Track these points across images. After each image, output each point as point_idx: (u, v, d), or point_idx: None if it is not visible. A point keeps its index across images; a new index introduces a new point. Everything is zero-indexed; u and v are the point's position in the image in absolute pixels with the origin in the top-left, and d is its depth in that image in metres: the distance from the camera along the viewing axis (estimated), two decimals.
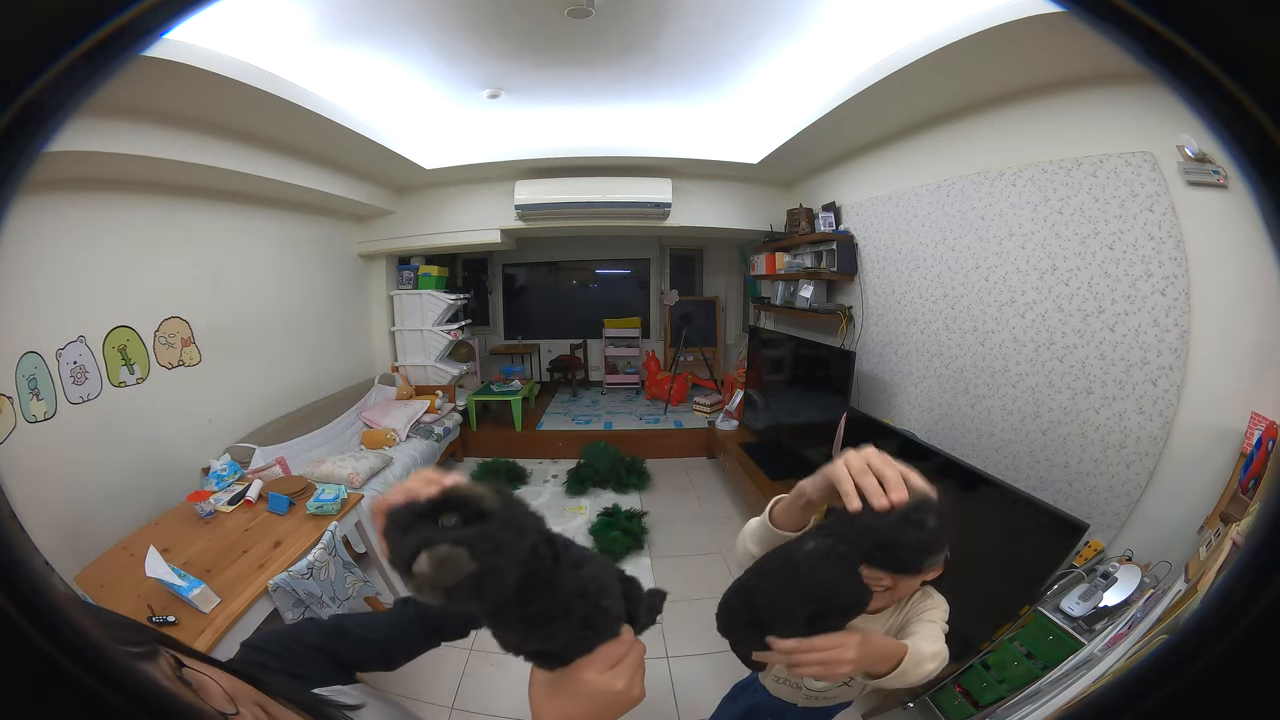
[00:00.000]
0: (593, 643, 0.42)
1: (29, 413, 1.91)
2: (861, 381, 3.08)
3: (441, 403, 4.35)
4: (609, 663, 0.42)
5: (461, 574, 0.35)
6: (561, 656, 0.42)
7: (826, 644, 0.59)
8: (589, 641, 0.42)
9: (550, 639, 0.41)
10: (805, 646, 0.59)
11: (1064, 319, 1.91)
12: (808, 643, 0.59)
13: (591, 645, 0.42)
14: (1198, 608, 0.32)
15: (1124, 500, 1.68)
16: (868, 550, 0.53)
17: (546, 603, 0.40)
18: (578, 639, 0.42)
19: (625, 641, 0.43)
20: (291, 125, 2.60)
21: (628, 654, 0.43)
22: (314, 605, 1.89)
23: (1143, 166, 1.62)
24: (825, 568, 0.55)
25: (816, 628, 0.58)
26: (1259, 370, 1.37)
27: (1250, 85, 0.26)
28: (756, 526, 0.81)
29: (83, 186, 2.17)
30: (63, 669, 0.30)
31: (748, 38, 2.29)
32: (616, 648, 0.42)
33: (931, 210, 2.61)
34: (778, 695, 1.27)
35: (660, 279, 6.37)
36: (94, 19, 0.27)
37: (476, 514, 0.38)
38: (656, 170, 3.99)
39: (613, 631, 0.43)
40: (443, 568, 0.35)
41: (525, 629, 0.40)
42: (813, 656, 0.59)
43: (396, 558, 0.36)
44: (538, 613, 0.40)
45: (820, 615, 0.58)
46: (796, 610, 0.57)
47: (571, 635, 0.42)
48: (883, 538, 0.53)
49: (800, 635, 0.58)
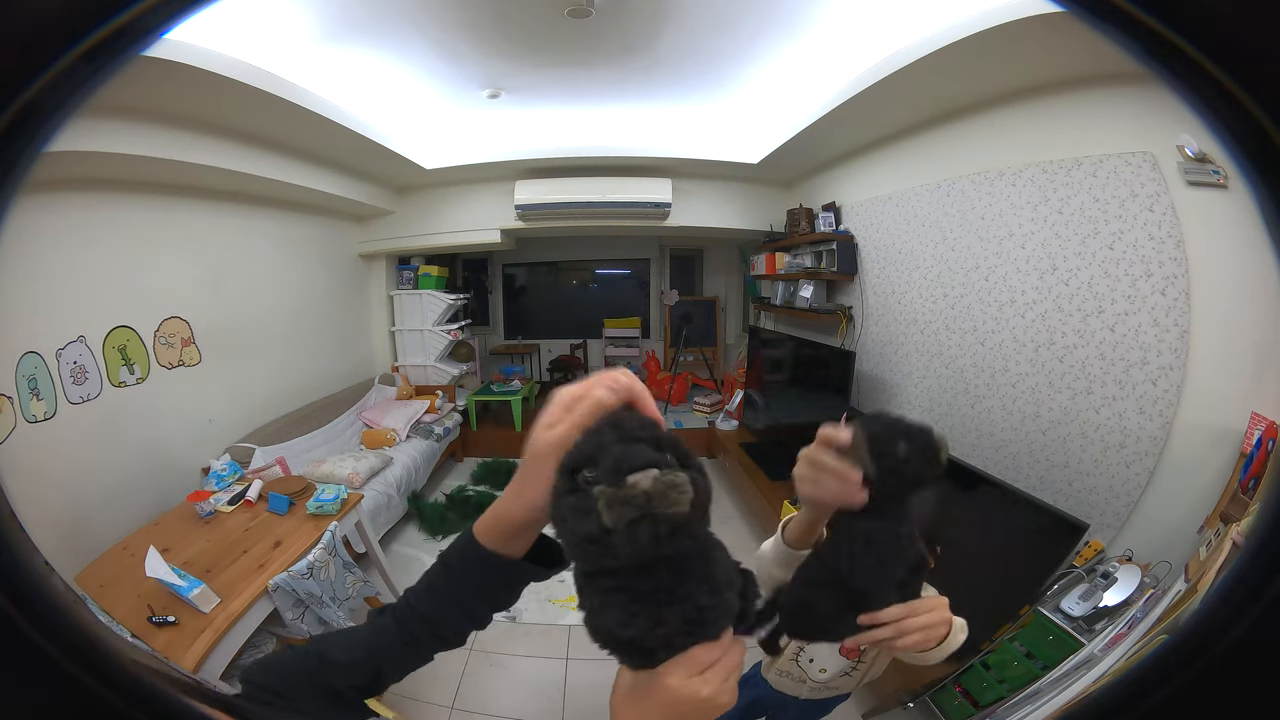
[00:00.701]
0: (688, 641, 0.38)
1: (29, 413, 1.91)
2: (861, 381, 3.08)
3: (441, 403, 4.35)
4: (699, 667, 0.38)
5: (677, 507, 0.32)
6: (653, 655, 0.38)
7: (925, 607, 0.60)
8: (685, 639, 0.38)
9: (655, 623, 0.37)
10: (909, 611, 0.59)
11: (1064, 319, 1.91)
12: (908, 607, 0.59)
13: (686, 644, 0.38)
14: (1198, 608, 0.32)
15: (1124, 500, 1.68)
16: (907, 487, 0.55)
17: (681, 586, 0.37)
18: (679, 634, 0.38)
19: (721, 644, 0.40)
20: (291, 125, 2.60)
21: (721, 658, 0.39)
22: (314, 605, 1.89)
23: (1143, 166, 1.62)
24: (905, 529, 0.56)
25: (905, 594, 0.59)
26: (1259, 370, 1.37)
27: (1250, 85, 0.26)
28: (773, 550, 0.80)
29: (83, 186, 2.17)
30: (63, 669, 0.30)
31: (748, 38, 2.29)
32: (710, 651, 0.39)
33: (931, 210, 2.61)
34: (780, 689, 1.28)
35: (660, 279, 6.36)
36: (94, 19, 0.27)
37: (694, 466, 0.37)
38: (656, 170, 3.99)
39: (716, 630, 0.40)
40: (669, 492, 0.32)
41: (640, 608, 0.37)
42: (918, 621, 0.59)
43: (615, 459, 0.33)
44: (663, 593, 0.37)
45: (906, 580, 0.58)
46: (891, 578, 0.58)
47: (675, 626, 0.38)
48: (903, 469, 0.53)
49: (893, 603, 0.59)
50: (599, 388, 0.40)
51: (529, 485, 0.44)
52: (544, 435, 0.42)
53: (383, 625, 0.52)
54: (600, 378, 0.42)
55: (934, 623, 0.60)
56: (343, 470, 2.91)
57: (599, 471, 0.34)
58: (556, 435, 0.40)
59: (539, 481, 0.40)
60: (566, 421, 0.40)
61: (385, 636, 0.51)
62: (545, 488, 0.37)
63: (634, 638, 0.37)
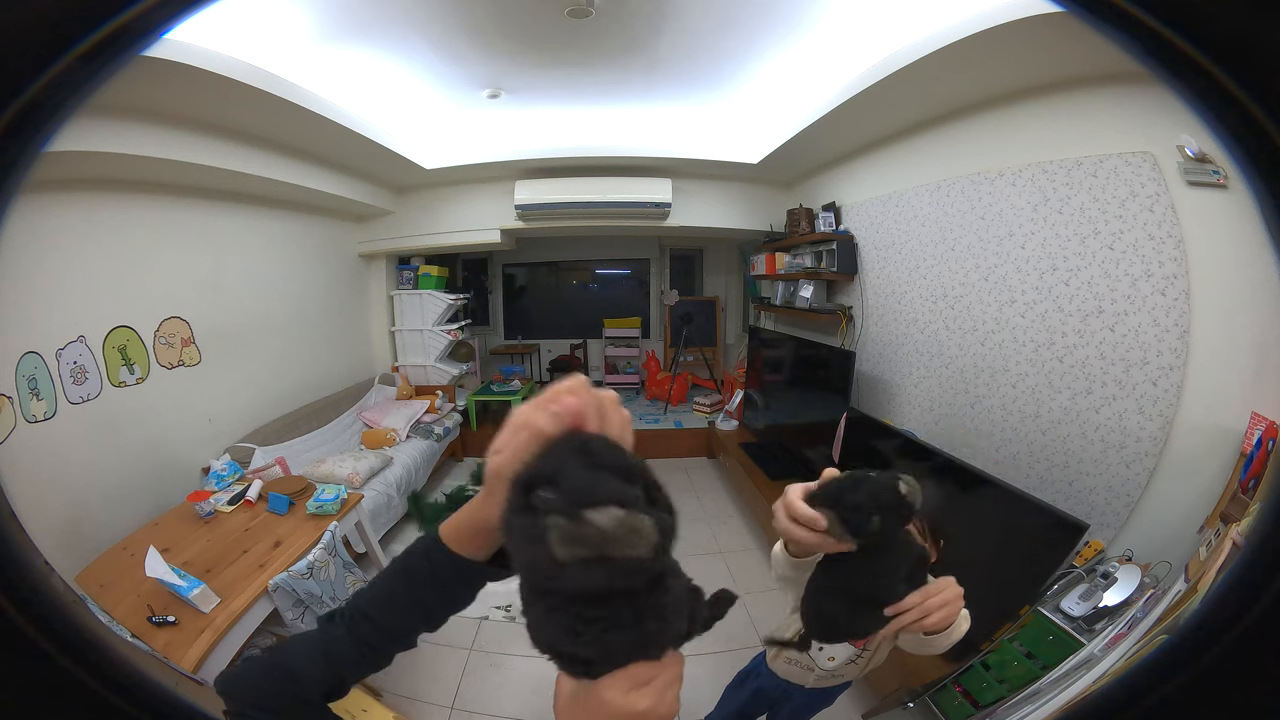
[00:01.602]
0: (628, 660, 0.38)
1: (29, 413, 1.91)
2: (861, 381, 3.08)
3: (441, 403, 4.35)
4: (637, 682, 0.38)
5: (634, 553, 0.30)
6: (593, 667, 0.38)
7: (938, 588, 0.64)
8: (625, 659, 0.38)
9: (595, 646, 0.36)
10: (925, 595, 0.62)
11: (1064, 319, 1.91)
12: (923, 592, 0.62)
13: (626, 660, 0.38)
14: (1198, 608, 0.32)
15: (1124, 500, 1.68)
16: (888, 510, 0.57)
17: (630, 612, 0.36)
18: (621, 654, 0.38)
19: (661, 661, 0.40)
20: (291, 125, 2.60)
21: (660, 673, 0.39)
22: (314, 605, 1.89)
23: (1143, 166, 1.62)
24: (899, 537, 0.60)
25: (914, 584, 0.62)
26: (1259, 370, 1.37)
27: (1250, 85, 0.26)
28: (782, 555, 0.84)
29: (83, 186, 2.17)
30: (63, 669, 0.30)
31: (748, 38, 2.29)
32: (648, 668, 0.39)
33: (931, 210, 2.61)
34: (786, 677, 1.29)
35: (660, 279, 6.36)
36: (94, 19, 0.27)
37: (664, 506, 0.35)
38: (656, 170, 3.99)
39: (659, 652, 0.40)
40: (628, 536, 0.30)
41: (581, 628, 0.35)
42: (937, 600, 0.63)
43: (574, 488, 0.31)
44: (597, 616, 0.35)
45: (910, 575, 0.62)
46: (898, 575, 0.61)
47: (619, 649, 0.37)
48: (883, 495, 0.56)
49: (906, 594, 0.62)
50: (543, 414, 0.37)
51: (487, 502, 0.44)
52: (492, 459, 0.40)
53: (336, 635, 0.52)
54: (548, 398, 0.38)
55: (951, 598, 0.64)
56: (343, 470, 2.91)
57: (556, 495, 0.31)
58: (501, 461, 0.39)
59: (494, 502, 0.38)
60: (510, 448, 0.38)
61: (341, 646, 0.51)
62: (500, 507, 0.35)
63: (575, 652, 0.37)
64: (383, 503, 2.99)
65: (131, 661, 0.35)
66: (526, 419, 0.38)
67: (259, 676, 0.54)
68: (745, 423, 4.34)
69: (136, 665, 0.35)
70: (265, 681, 0.52)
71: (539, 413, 0.37)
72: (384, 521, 3.00)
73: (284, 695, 0.50)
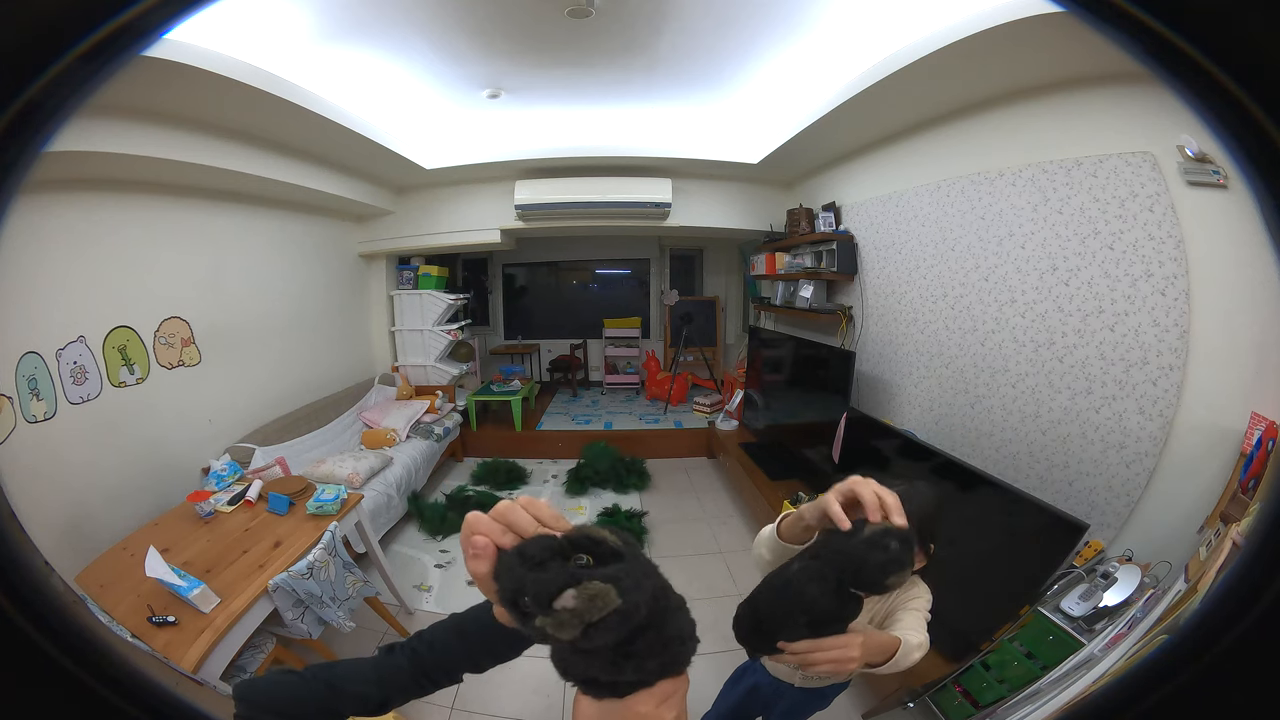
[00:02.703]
0: (655, 679, 0.44)
1: (29, 413, 1.91)
2: (861, 381, 3.08)
3: (441, 403, 4.35)
4: (663, 697, 0.44)
5: (608, 610, 0.36)
6: (617, 688, 0.44)
7: (833, 644, 0.66)
8: (656, 677, 0.44)
9: (638, 671, 0.43)
10: (814, 647, 0.65)
11: (1064, 319, 1.91)
12: (816, 644, 0.65)
13: (654, 680, 0.44)
14: (1198, 608, 0.32)
15: (1124, 500, 1.68)
16: (841, 569, 0.61)
17: (652, 640, 0.42)
18: (654, 674, 0.44)
19: (682, 678, 0.46)
20: (291, 125, 2.60)
21: (679, 688, 0.46)
22: (314, 605, 1.89)
23: (1143, 166, 1.62)
24: (810, 587, 0.62)
25: (820, 631, 0.65)
26: (1259, 370, 1.36)
27: (1250, 85, 0.26)
28: (768, 537, 0.89)
29: (83, 186, 2.17)
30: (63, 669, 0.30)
31: (748, 38, 2.29)
32: (672, 684, 0.45)
33: (931, 210, 2.61)
34: (776, 675, 1.32)
35: (660, 279, 6.37)
36: (94, 19, 0.27)
37: (611, 554, 0.40)
38: (656, 170, 3.99)
39: (681, 668, 0.46)
40: (593, 603, 0.36)
41: (621, 662, 0.41)
42: (821, 656, 0.66)
43: (534, 593, 0.37)
44: (638, 649, 0.42)
45: (816, 624, 0.64)
46: (797, 620, 0.64)
47: (649, 671, 0.43)
48: (850, 561, 0.60)
49: (806, 638, 0.65)
50: (471, 562, 0.42)
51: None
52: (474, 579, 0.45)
53: (395, 664, 0.62)
54: (465, 544, 0.43)
55: (839, 659, 0.67)
56: (343, 470, 2.91)
57: (531, 604, 0.37)
58: (484, 591, 0.44)
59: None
60: (479, 584, 0.43)
61: (398, 675, 0.62)
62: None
63: (616, 680, 0.42)
64: (383, 503, 2.99)
65: (131, 661, 0.35)
66: (469, 568, 0.44)
67: (295, 685, 0.60)
68: (745, 423, 4.34)
69: (136, 665, 0.35)
70: (301, 690, 0.59)
71: (470, 562, 0.43)
72: (384, 521, 3.00)
73: (315, 704, 0.57)
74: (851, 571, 0.60)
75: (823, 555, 0.64)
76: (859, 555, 0.60)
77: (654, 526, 3.39)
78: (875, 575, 0.59)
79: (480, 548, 0.42)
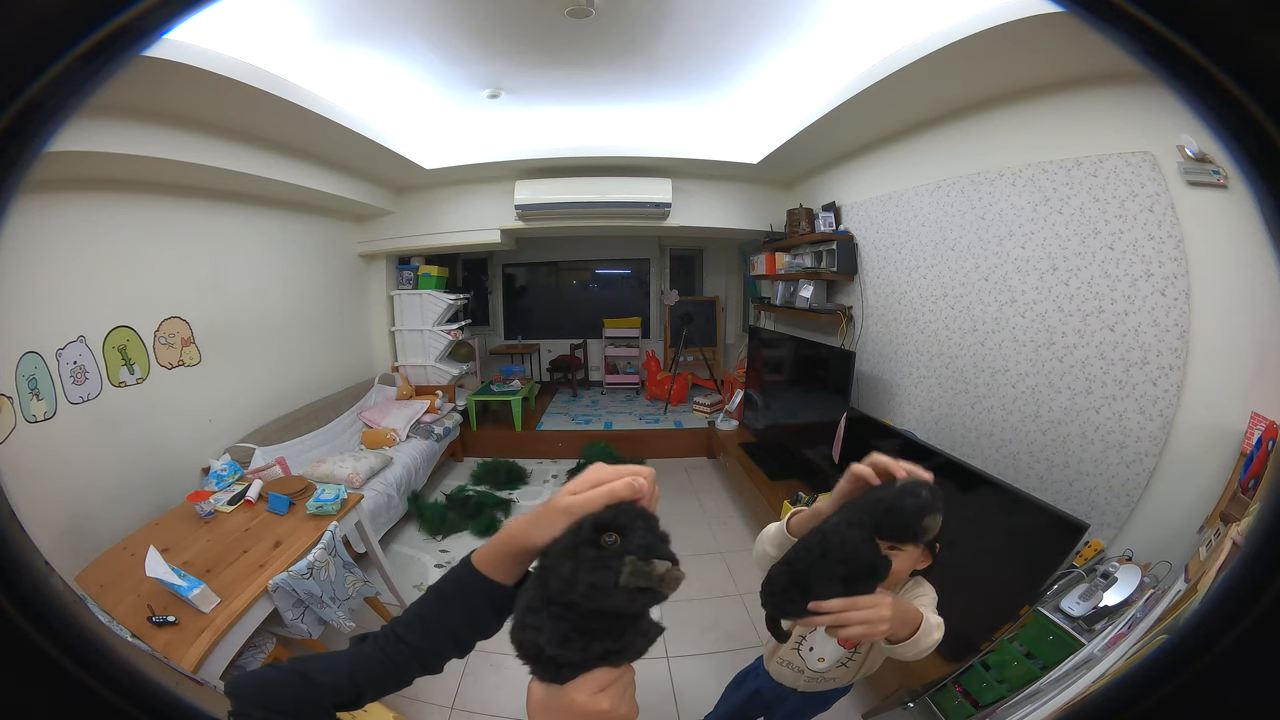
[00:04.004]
0: (596, 665, 0.46)
1: (29, 413, 1.91)
2: (861, 381, 3.08)
3: (441, 403, 4.35)
4: (599, 685, 0.46)
5: (670, 592, 0.43)
6: (560, 671, 0.46)
7: (866, 603, 0.66)
8: (595, 663, 0.46)
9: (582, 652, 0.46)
10: (848, 605, 0.65)
11: (1064, 319, 1.91)
12: (850, 602, 0.65)
13: (592, 666, 0.46)
14: (1198, 608, 0.32)
15: (1124, 500, 1.68)
16: (877, 518, 0.63)
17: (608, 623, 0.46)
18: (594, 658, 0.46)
19: (620, 669, 0.48)
20: (291, 125, 2.60)
21: (618, 678, 0.47)
22: (314, 605, 1.89)
23: (1143, 166, 1.62)
24: (849, 532, 0.64)
25: (853, 589, 0.65)
26: (1259, 370, 1.36)
27: (1250, 85, 0.26)
28: (775, 532, 0.89)
29: (83, 186, 2.17)
30: (63, 669, 0.30)
31: (748, 38, 2.29)
32: (609, 673, 0.47)
33: (931, 210, 2.61)
34: (779, 680, 1.30)
35: (660, 279, 6.36)
36: (94, 19, 0.27)
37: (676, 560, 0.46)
38: (656, 170, 3.99)
39: (622, 661, 0.48)
40: (674, 582, 0.43)
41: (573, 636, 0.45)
42: (855, 615, 0.65)
43: (642, 541, 0.43)
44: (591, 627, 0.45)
45: (852, 578, 0.65)
46: (833, 572, 0.65)
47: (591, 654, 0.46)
48: (887, 504, 0.63)
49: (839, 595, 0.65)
50: (622, 482, 0.48)
51: (539, 528, 0.50)
52: (565, 499, 0.49)
53: (366, 653, 0.57)
54: (626, 473, 0.48)
55: (872, 619, 0.66)
56: (343, 470, 2.91)
57: (628, 542, 0.43)
58: (575, 502, 0.48)
59: (548, 529, 0.48)
60: (585, 496, 0.48)
61: (368, 663, 0.56)
62: (552, 533, 0.47)
63: (556, 656, 0.46)
64: (383, 503, 2.99)
65: (131, 661, 0.35)
66: (605, 478, 0.49)
67: (272, 677, 0.58)
68: (745, 423, 4.34)
69: (136, 665, 0.35)
70: (277, 681, 0.56)
71: (619, 480, 0.48)
72: (384, 521, 3.00)
73: (292, 696, 0.55)
74: (888, 518, 0.62)
75: (859, 503, 0.65)
76: (894, 502, 0.62)
77: None
78: (911, 520, 0.62)
79: (640, 488, 0.48)
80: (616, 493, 0.47)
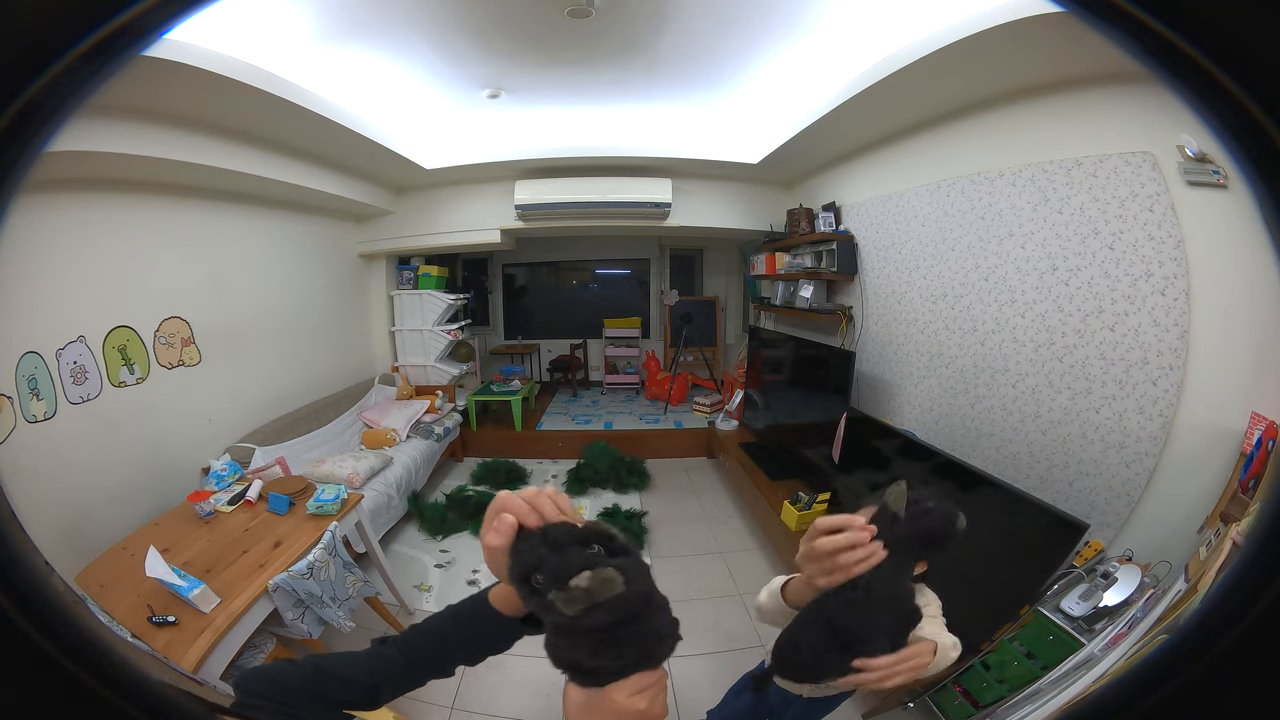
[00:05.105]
0: (635, 669, 0.48)
1: (29, 413, 1.91)
2: (861, 381, 3.08)
3: (441, 403, 4.35)
4: (639, 687, 0.48)
5: (613, 594, 0.42)
6: (600, 676, 0.48)
7: (910, 654, 0.69)
8: (634, 667, 0.48)
9: (618, 659, 0.47)
10: (896, 660, 0.67)
11: (1064, 319, 1.91)
12: (898, 658, 0.67)
13: (631, 670, 0.48)
14: (1198, 608, 0.32)
15: (1124, 500, 1.68)
16: (913, 546, 0.63)
17: (634, 631, 0.47)
18: (631, 664, 0.48)
19: (656, 671, 0.50)
20: (292, 125, 2.60)
21: (655, 681, 0.49)
22: (314, 605, 1.89)
23: (1143, 166, 1.62)
24: (898, 581, 0.64)
25: (895, 644, 0.67)
26: (1259, 370, 1.36)
27: (1250, 85, 0.26)
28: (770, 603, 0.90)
29: (83, 186, 2.17)
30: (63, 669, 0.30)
31: (748, 38, 2.29)
32: (647, 676, 0.49)
33: (931, 210, 2.61)
34: (784, 687, 1.29)
35: (660, 279, 6.36)
36: (94, 19, 0.27)
37: (620, 549, 0.47)
38: (656, 170, 3.99)
39: (656, 662, 0.49)
40: (603, 586, 0.41)
41: (603, 649, 0.46)
42: (904, 666, 0.67)
43: (553, 569, 0.43)
44: (619, 637, 0.46)
45: (894, 630, 0.66)
46: (880, 626, 0.65)
47: (627, 660, 0.47)
48: (915, 534, 0.62)
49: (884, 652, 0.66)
50: (490, 534, 0.48)
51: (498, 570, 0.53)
52: (488, 565, 0.51)
53: (386, 654, 0.63)
54: (489, 519, 0.48)
55: (920, 666, 0.69)
56: (343, 470, 2.91)
57: (545, 579, 0.43)
58: (493, 567, 0.50)
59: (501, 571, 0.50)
60: (487, 544, 0.49)
61: (388, 663, 0.62)
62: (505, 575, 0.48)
63: (597, 667, 0.47)
64: (383, 503, 2.99)
65: (132, 661, 0.35)
66: (484, 542, 0.49)
67: (284, 666, 0.62)
68: (745, 423, 4.34)
69: (137, 665, 0.35)
70: (287, 673, 0.60)
71: (490, 534, 0.48)
72: (384, 521, 3.00)
73: (300, 688, 0.58)
74: (922, 542, 0.63)
75: (890, 545, 0.64)
76: (917, 526, 0.62)
77: (654, 526, 3.39)
78: (944, 529, 0.62)
79: (506, 525, 0.47)
80: (506, 528, 0.47)
